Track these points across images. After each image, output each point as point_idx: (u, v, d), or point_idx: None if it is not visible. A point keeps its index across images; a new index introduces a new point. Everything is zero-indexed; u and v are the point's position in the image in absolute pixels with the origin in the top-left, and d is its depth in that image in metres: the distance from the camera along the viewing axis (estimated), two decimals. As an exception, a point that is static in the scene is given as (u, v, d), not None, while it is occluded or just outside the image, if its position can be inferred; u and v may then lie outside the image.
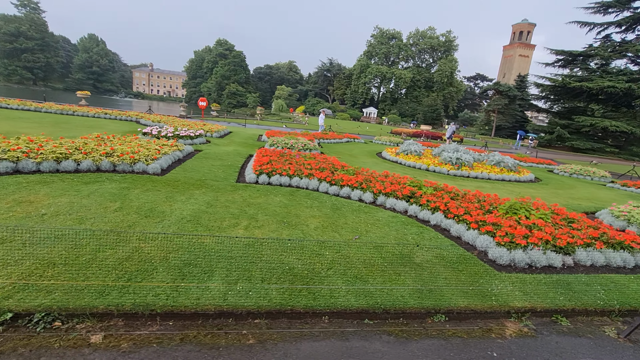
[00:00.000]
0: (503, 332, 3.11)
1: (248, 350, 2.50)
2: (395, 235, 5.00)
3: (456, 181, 10.59)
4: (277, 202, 6.02)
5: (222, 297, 2.94)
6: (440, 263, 4.15)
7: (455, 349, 2.80)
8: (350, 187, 7.11)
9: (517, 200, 6.28)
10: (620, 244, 4.99)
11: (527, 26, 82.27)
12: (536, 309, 3.43)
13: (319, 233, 4.76)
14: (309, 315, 2.98)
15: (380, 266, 3.88)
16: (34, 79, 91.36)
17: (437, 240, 5.00)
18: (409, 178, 7.68)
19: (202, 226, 4.53)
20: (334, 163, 9.00)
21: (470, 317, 3.29)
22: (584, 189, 11.92)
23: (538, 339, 3.07)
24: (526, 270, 4.36)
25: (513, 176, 11.94)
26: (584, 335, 3.21)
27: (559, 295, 3.67)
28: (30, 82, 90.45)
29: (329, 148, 15.82)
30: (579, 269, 4.59)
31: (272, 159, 8.67)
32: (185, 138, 11.78)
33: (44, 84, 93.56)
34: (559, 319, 3.44)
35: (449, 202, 6.12)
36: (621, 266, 4.79)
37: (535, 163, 18.03)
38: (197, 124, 16.14)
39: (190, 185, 6.41)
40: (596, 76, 39.25)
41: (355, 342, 2.73)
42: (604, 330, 3.33)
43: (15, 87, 78.00)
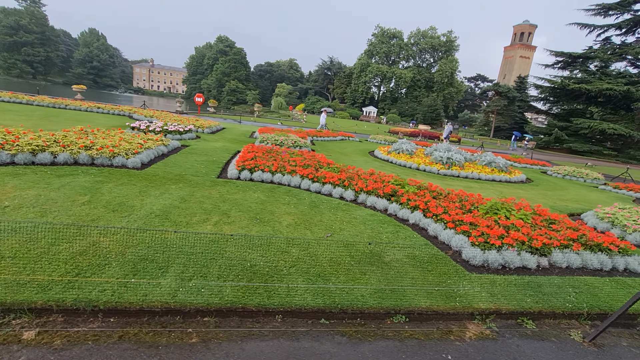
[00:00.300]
0: (463, 334, 3.02)
1: (189, 350, 2.40)
2: (370, 234, 4.91)
3: (445, 181, 10.50)
4: (255, 198, 5.92)
5: (171, 294, 2.85)
6: (410, 262, 4.06)
7: (409, 351, 2.71)
8: (332, 184, 7.02)
9: (498, 200, 6.18)
10: (598, 246, 4.90)
11: (528, 27, 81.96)
12: (501, 311, 3.34)
13: (290, 230, 4.66)
14: (262, 314, 2.89)
15: (346, 265, 3.79)
16: (34, 72, 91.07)
17: (412, 239, 4.91)
18: (394, 176, 7.59)
19: (170, 221, 4.44)
20: (320, 160, 8.90)
21: (432, 318, 3.20)
22: (574, 190, 11.82)
23: (499, 341, 2.98)
24: (499, 271, 4.27)
25: (504, 177, 11.84)
26: (548, 339, 3.12)
27: (527, 297, 3.58)
28: (30, 76, 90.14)
29: (322, 146, 15.72)
30: (554, 270, 4.50)
31: (257, 155, 8.57)
32: (173, 133, 11.68)
33: (44, 78, 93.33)
34: (524, 321, 3.35)
35: (430, 201, 6.03)
36: (598, 268, 4.70)
37: (530, 164, 17.93)
38: (189, 120, 16.04)
39: (168, 180, 6.31)
40: (595, 78, 39.12)
41: (305, 343, 2.64)
42: (570, 333, 3.24)
43: (15, 81, 77.81)
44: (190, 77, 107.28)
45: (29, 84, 70.78)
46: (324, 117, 26.26)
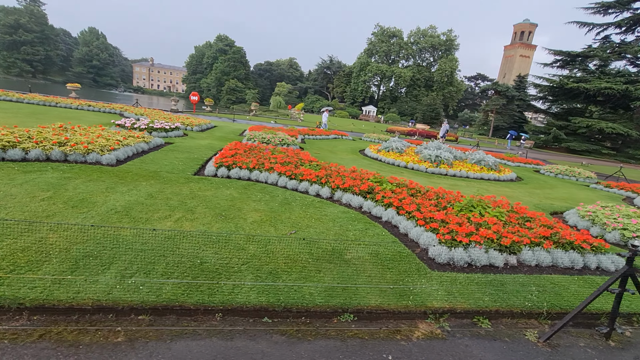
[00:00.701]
0: (411, 334, 2.92)
1: (112, 349, 2.31)
2: (338, 231, 4.81)
3: (432, 179, 10.38)
4: (227, 195, 5.83)
5: (106, 292, 2.76)
6: (371, 260, 3.96)
7: (349, 350, 2.61)
8: (309, 181, 6.92)
9: (474, 197, 6.07)
10: (570, 244, 4.79)
11: (528, 26, 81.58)
12: (456, 310, 3.24)
13: (254, 227, 4.57)
14: (201, 312, 2.80)
15: (303, 262, 3.69)
16: (34, 71, 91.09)
17: (380, 237, 4.80)
18: (375, 174, 7.49)
19: (130, 218, 4.35)
20: (303, 158, 8.80)
21: (382, 317, 3.10)
22: (564, 189, 11.69)
23: (447, 341, 2.88)
24: (465, 269, 4.17)
25: (492, 175, 11.71)
26: (501, 339, 3.02)
27: (486, 296, 3.47)
28: (29, 75, 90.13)
29: (313, 144, 15.63)
30: (523, 269, 4.40)
31: (239, 152, 8.48)
32: (159, 130, 11.59)
33: (44, 76, 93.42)
34: (480, 320, 3.25)
35: (405, 198, 5.92)
36: (569, 267, 4.59)
37: (523, 163, 17.79)
38: (179, 118, 15.95)
39: (140, 177, 6.22)
40: (594, 77, 38.87)
41: (240, 342, 2.54)
42: (526, 333, 3.13)
43: (14, 80, 77.83)
44: (190, 76, 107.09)
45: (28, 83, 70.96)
46: (326, 117, 26.37)
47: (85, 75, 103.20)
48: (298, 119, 40.16)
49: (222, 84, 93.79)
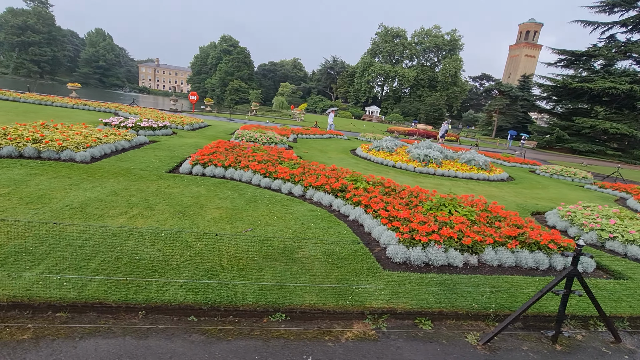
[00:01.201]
0: (342, 335, 2.81)
1: (13, 347, 2.25)
2: (297, 230, 4.71)
3: (417, 178, 10.23)
4: (194, 192, 5.77)
5: (26, 288, 2.70)
6: (322, 259, 3.86)
7: (267, 351, 2.51)
8: (282, 179, 6.84)
9: (445, 196, 5.93)
10: (537, 244, 4.63)
11: (533, 26, 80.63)
12: (396, 311, 3.13)
13: (210, 224, 4.49)
14: (123, 309, 2.73)
15: (247, 260, 3.60)
16: (41, 72, 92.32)
17: (341, 235, 4.70)
18: (354, 172, 7.38)
19: (84, 214, 4.30)
20: (284, 156, 8.72)
21: (317, 317, 2.99)
22: (556, 189, 11.46)
23: (378, 343, 2.77)
24: (422, 269, 4.05)
25: (482, 174, 11.51)
26: (438, 341, 2.90)
27: (431, 297, 3.35)
28: (37, 76, 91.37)
29: (305, 143, 15.55)
30: (484, 269, 4.26)
31: (219, 150, 8.42)
32: (146, 129, 11.60)
33: (51, 77, 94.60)
34: (422, 322, 3.13)
35: (375, 196, 5.81)
36: (533, 267, 4.44)
37: (520, 163, 17.51)
38: (172, 117, 15.98)
39: (109, 174, 6.19)
40: (599, 77, 38.23)
41: (154, 341, 2.47)
42: (467, 335, 3.01)
43: (22, 80, 78.96)
44: (195, 76, 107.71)
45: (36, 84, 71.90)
46: (332, 117, 26.47)
47: (92, 75, 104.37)
48: (298, 119, 40.14)
49: (226, 84, 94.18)
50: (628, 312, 3.64)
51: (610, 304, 3.71)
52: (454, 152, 13.73)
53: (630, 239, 5.44)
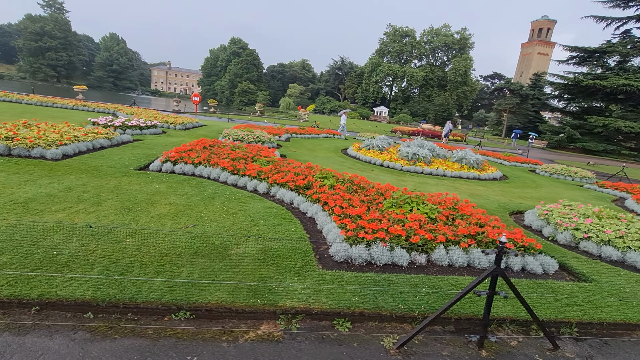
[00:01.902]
0: (243, 335, 2.65)
1: None
2: (244, 226, 4.57)
3: (402, 176, 9.96)
4: (152, 189, 5.70)
5: None
6: (256, 256, 3.71)
7: (150, 351, 2.37)
8: (249, 176, 6.73)
9: (411, 194, 5.69)
10: (493, 242, 4.37)
11: (547, 23, 78.54)
12: (312, 311, 2.95)
13: (152, 220, 4.39)
14: (15, 304, 2.64)
15: (173, 257, 3.48)
16: (58, 76, 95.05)
17: (289, 232, 4.53)
18: (325, 169, 7.20)
19: (23, 209, 4.26)
20: (261, 154, 8.61)
21: (225, 316, 2.84)
22: (550, 188, 11.00)
23: (280, 344, 2.60)
24: (364, 268, 3.86)
25: (472, 173, 11.14)
26: (348, 344, 2.70)
27: (355, 297, 3.16)
28: (54, 80, 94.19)
29: (297, 142, 15.42)
30: (433, 268, 4.03)
31: (196, 148, 8.36)
32: (133, 128, 11.68)
33: (67, 81, 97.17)
34: (340, 323, 2.94)
35: (337, 194, 5.63)
36: (486, 267, 4.18)
37: (520, 162, 16.96)
38: (166, 117, 16.10)
39: (74, 170, 6.19)
40: (612, 74, 36.91)
41: (31, 338, 2.36)
42: (384, 339, 2.80)
43: (40, 84, 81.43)
44: (205, 78, 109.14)
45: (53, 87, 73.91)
46: (344, 119, 26.53)
47: (106, 79, 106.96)
48: (302, 119, 40.14)
49: (235, 86, 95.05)
50: (578, 316, 3.36)
51: (559, 308, 3.44)
52: (448, 151, 13.38)
53: (605, 239, 5.10)
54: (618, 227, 5.28)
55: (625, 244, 4.98)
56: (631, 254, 4.86)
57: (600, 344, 3.14)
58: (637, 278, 4.37)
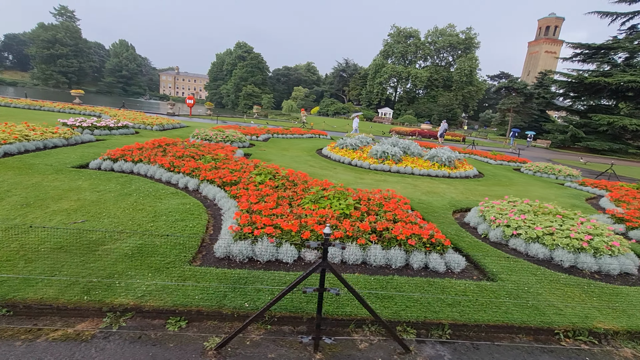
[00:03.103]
0: (48, 334, 2.46)
1: None
2: (141, 222, 4.41)
3: (363, 174, 9.68)
4: (73, 185, 5.61)
5: None
6: (125, 252, 3.54)
7: None
8: (183, 173, 6.60)
9: (339, 189, 5.45)
10: (395, 239, 4.09)
11: (554, 20, 76.81)
12: (143, 308, 2.75)
13: (46, 216, 4.27)
14: None
15: (26, 251, 3.34)
16: (69, 82, 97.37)
17: (188, 228, 4.35)
18: (270, 165, 7.04)
19: None
20: (214, 152, 8.47)
21: (46, 314, 2.67)
22: (524, 186, 10.55)
23: (83, 344, 2.40)
24: (245, 265, 3.65)
25: (442, 171, 10.78)
26: (165, 344, 2.49)
27: (198, 294, 2.94)
28: (65, 86, 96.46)
29: (274, 142, 15.28)
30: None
31: (146, 147, 8.28)
32: (102, 128, 11.71)
33: (78, 87, 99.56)
34: (175, 322, 2.73)
35: (259, 189, 5.43)
36: (383, 265, 3.91)
37: (507, 161, 16.43)
38: (147, 118, 16.17)
39: (3, 167, 6.15)
40: (618, 71, 35.74)
41: None
42: (209, 339, 2.58)
43: (51, 90, 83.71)
44: (211, 83, 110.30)
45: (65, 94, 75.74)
46: (357, 122, 26.99)
47: (116, 84, 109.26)
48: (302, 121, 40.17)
49: (240, 90, 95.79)
50: (454, 318, 3.07)
51: (436, 309, 3.15)
52: (424, 149, 13.03)
53: (534, 236, 4.75)
54: (550, 224, 4.92)
55: (554, 241, 4.63)
56: (558, 252, 4.51)
57: (468, 348, 2.85)
58: (553, 278, 4.04)
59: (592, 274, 4.37)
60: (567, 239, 4.58)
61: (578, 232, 4.69)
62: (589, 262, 4.38)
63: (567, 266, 4.44)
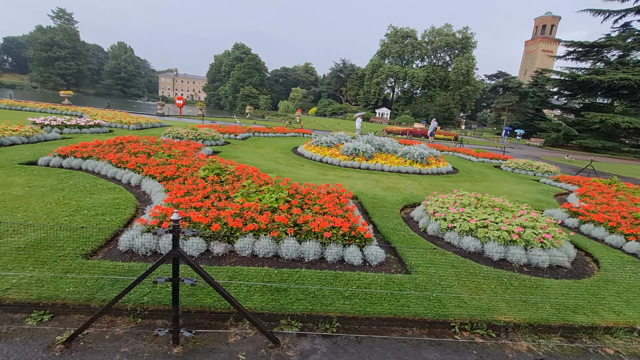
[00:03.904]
0: None
1: None
2: (59, 216, 4.29)
3: (328, 171, 9.54)
4: (8, 181, 5.53)
5: None
6: (17, 245, 3.43)
7: None
8: (128, 169, 6.50)
9: (283, 184, 5.33)
10: (311, 232, 3.96)
11: (550, 19, 76.51)
12: (3, 302, 2.63)
13: (-45, 210, 4.16)
14: None
15: None
16: (67, 85, 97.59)
17: (104, 222, 4.23)
18: (220, 160, 6.93)
19: None
20: (173, 150, 8.37)
21: None
22: (495, 182, 10.40)
23: None
24: (148, 258, 3.53)
25: (413, 168, 10.64)
26: (10, 340, 2.37)
27: (71, 287, 2.82)
28: (64, 88, 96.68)
29: (253, 141, 15.18)
30: (232, 259, 3.66)
31: (105, 144, 8.19)
32: (72, 127, 11.64)
33: (77, 89, 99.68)
34: (37, 316, 2.61)
35: (196, 183, 5.33)
36: (296, 258, 3.78)
37: (489, 158, 16.27)
38: (128, 117, 16.09)
39: (-58, 164, 6.06)
40: (611, 69, 35.52)
41: None
42: (64, 333, 2.46)
43: (50, 93, 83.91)
44: (210, 84, 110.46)
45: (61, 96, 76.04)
46: (360, 122, 27.08)
47: (114, 86, 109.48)
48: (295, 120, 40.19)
49: (237, 91, 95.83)
50: (342, 311, 2.93)
51: (327, 302, 3.02)
52: (401, 146, 12.88)
53: (466, 228, 4.61)
54: (486, 217, 4.79)
55: (487, 234, 4.49)
56: (489, 245, 4.38)
57: (350, 341, 2.72)
58: (475, 271, 3.89)
59: (522, 267, 4.23)
60: (498, 231, 4.44)
61: (511, 225, 4.55)
62: (518, 255, 4.24)
63: (496, 259, 4.31)
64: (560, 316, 3.17)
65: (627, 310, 3.39)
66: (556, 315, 3.17)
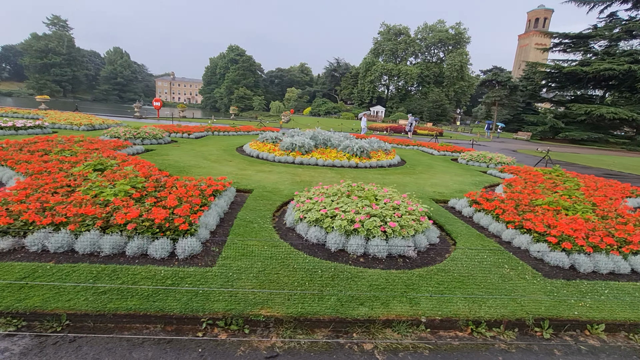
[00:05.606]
0: None
1: None
2: None
3: (252, 165, 9.21)
4: None
5: None
6: None
7: None
8: (6, 166, 6.27)
9: (142, 176, 5.06)
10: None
11: (543, 12, 75.60)
12: None
13: None
14: None
15: None
16: (63, 91, 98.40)
17: None
18: (120, 156, 6.70)
19: None
20: (86, 147, 8.16)
21: None
22: (432, 174, 10.01)
23: None
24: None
25: (350, 162, 10.34)
26: None
27: None
28: (60, 94, 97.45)
29: (205, 139, 14.96)
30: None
31: (11, 143, 8.00)
32: (6, 129, 11.48)
33: (73, 95, 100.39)
34: None
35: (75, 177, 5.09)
36: (90, 252, 3.51)
37: (451, 152, 15.90)
38: (77, 118, 15.94)
39: None
40: (597, 59, 34.90)
41: None
42: None
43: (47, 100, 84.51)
44: (205, 87, 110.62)
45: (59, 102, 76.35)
46: (365, 121, 26.96)
47: (111, 91, 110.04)
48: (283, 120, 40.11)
49: (232, 93, 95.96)
50: (76, 308, 2.65)
51: (66, 297, 2.74)
52: (347, 139, 12.57)
53: (313, 219, 4.31)
54: (340, 205, 4.47)
55: (332, 223, 4.18)
56: (331, 235, 4.07)
57: (64, 342, 2.43)
58: (290, 263, 3.59)
59: (358, 257, 3.92)
60: (339, 220, 4.13)
61: (358, 213, 4.23)
62: (356, 246, 3.93)
63: (334, 250, 4.00)
64: (339, 310, 2.85)
65: (428, 302, 3.07)
66: (334, 309, 2.85)
